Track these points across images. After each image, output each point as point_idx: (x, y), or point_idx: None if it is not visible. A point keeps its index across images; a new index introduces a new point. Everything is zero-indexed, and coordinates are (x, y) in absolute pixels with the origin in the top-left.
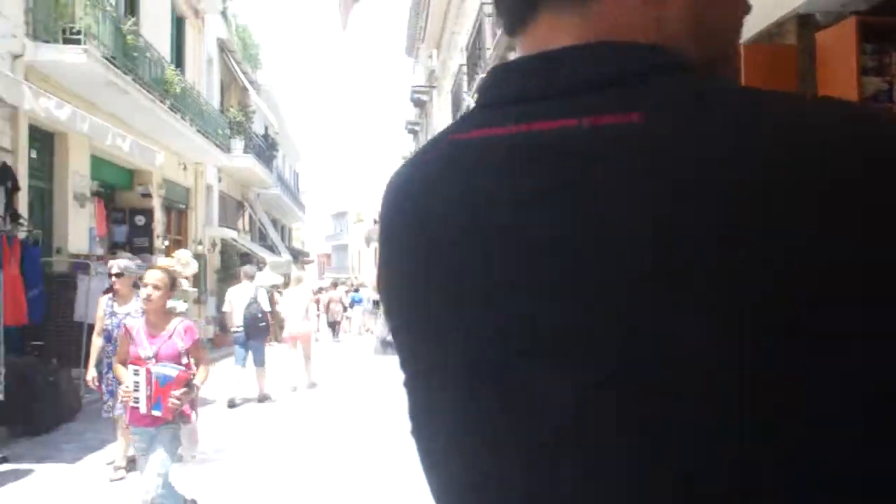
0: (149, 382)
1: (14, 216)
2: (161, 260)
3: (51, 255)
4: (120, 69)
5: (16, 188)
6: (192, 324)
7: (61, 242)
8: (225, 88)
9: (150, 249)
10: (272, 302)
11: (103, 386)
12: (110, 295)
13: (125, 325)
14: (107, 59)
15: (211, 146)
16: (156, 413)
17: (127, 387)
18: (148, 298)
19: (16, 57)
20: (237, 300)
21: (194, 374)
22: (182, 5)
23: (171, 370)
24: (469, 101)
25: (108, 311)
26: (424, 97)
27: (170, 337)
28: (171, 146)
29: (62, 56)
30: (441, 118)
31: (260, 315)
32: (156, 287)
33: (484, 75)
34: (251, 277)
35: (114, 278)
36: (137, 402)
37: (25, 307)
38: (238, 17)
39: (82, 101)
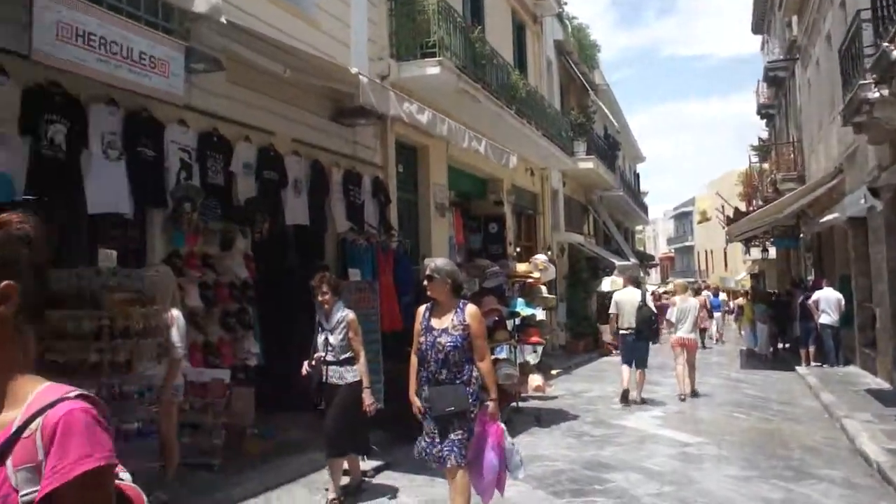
0: None
1: (387, 227)
2: (518, 266)
3: (418, 263)
4: (470, 77)
5: (387, 201)
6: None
7: (426, 251)
8: (564, 91)
9: (503, 256)
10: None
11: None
12: (428, 305)
13: None
14: (458, 68)
15: (556, 149)
16: None
17: None
18: None
19: (383, 77)
20: (624, 303)
21: None
22: (521, 12)
23: None
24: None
25: (424, 324)
26: (782, 73)
27: None
28: (519, 152)
29: (420, 70)
30: (811, 92)
31: (652, 318)
32: None
33: None
34: (635, 281)
35: (424, 281)
36: None
37: (400, 314)
38: (574, 20)
39: (437, 111)
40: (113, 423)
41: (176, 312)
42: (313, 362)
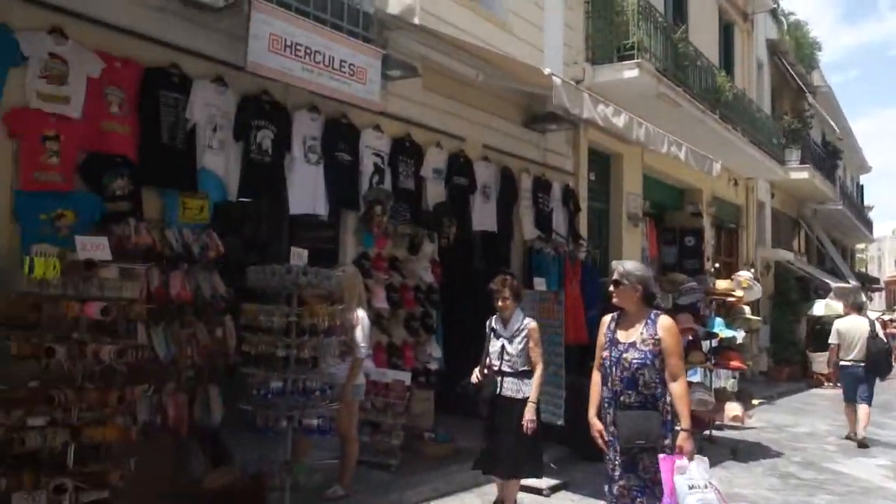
0: None
1: (575, 237)
2: (718, 283)
3: (607, 275)
4: (670, 80)
5: (577, 209)
6: None
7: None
8: (776, 94)
9: (700, 271)
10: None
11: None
12: (614, 315)
13: None
14: (658, 71)
15: (764, 158)
16: None
17: None
18: None
19: (577, 82)
20: (849, 332)
21: None
22: (730, 10)
23: None
24: None
25: (608, 336)
26: None
27: None
28: (722, 160)
29: (616, 74)
30: None
31: (888, 350)
32: None
33: None
34: (859, 308)
35: (610, 287)
36: None
37: (585, 327)
38: (791, 16)
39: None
40: (295, 418)
41: (361, 313)
42: (485, 371)
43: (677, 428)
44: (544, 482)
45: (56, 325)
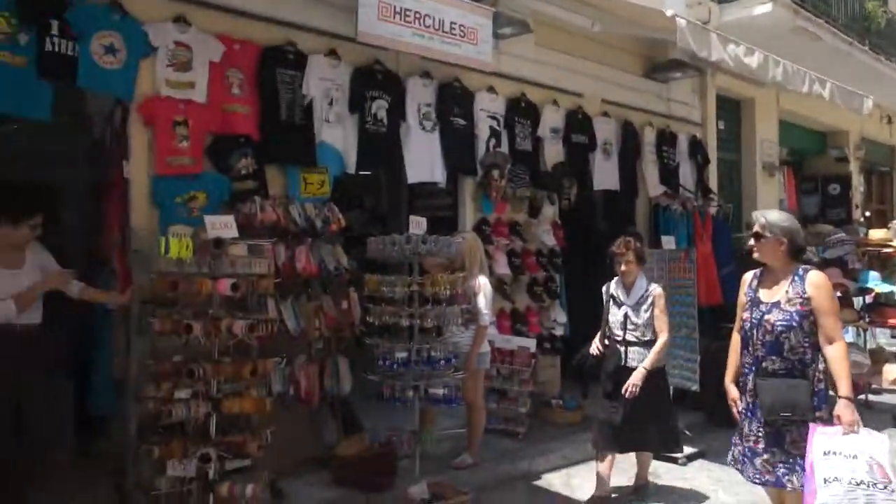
0: None
1: (705, 191)
2: (871, 233)
3: (740, 230)
4: (811, 12)
5: (706, 162)
6: None
7: (750, 216)
8: None
9: (847, 221)
10: None
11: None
12: (756, 272)
13: None
14: (795, 3)
15: None
16: None
17: None
18: None
19: (703, 24)
20: None
21: None
22: None
23: None
24: None
25: (749, 296)
26: None
27: None
28: (873, 96)
29: (746, 11)
30: None
31: None
32: None
33: None
34: None
35: (751, 241)
36: None
37: (719, 286)
38: None
39: None
40: (421, 387)
41: (483, 280)
42: (606, 341)
43: (836, 394)
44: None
45: (192, 302)
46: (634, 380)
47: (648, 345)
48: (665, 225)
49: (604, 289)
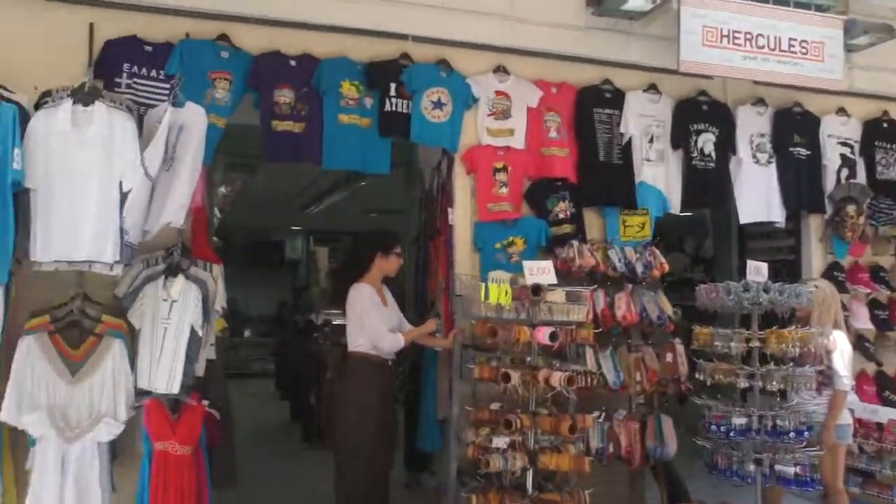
0: None
1: None
2: None
3: None
4: None
5: None
6: None
7: None
8: None
9: None
10: None
11: None
12: None
13: None
14: None
15: None
16: None
17: None
18: None
19: None
20: None
21: None
22: None
23: None
24: None
25: None
26: None
27: None
28: None
29: None
30: None
31: None
32: None
33: None
34: None
35: None
36: None
37: None
38: None
39: None
40: (765, 462)
41: (838, 335)
42: None
43: None
44: None
45: (510, 349)
46: None
47: None
48: None
49: None
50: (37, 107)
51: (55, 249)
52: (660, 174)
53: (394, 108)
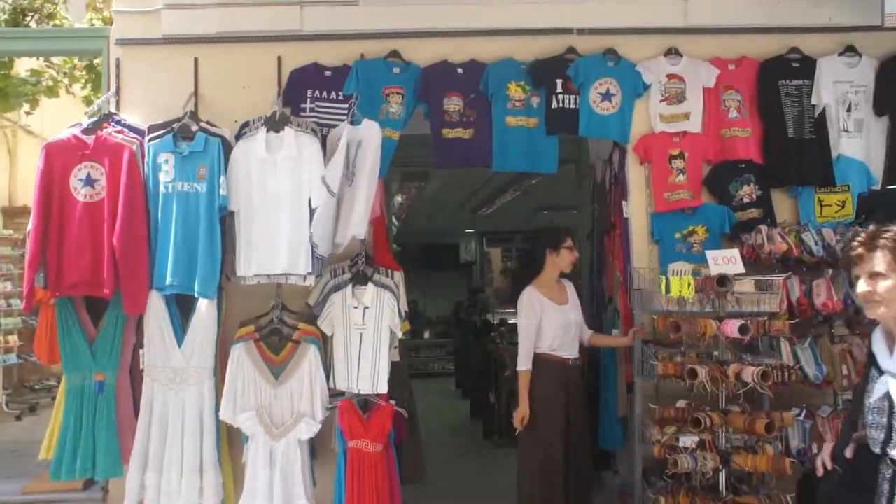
0: None
1: None
2: None
3: None
4: None
5: None
6: None
7: None
8: None
9: None
10: None
11: None
12: None
13: None
14: None
15: None
16: None
17: None
18: None
19: None
20: None
21: None
22: None
23: None
24: None
25: None
26: None
27: None
28: None
29: None
30: None
31: None
32: None
33: None
34: None
35: None
36: None
37: None
38: None
39: None
40: None
41: None
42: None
43: None
44: None
45: (696, 344)
46: None
47: None
48: None
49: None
50: (237, 137)
51: (256, 265)
52: (859, 145)
53: (561, 105)
